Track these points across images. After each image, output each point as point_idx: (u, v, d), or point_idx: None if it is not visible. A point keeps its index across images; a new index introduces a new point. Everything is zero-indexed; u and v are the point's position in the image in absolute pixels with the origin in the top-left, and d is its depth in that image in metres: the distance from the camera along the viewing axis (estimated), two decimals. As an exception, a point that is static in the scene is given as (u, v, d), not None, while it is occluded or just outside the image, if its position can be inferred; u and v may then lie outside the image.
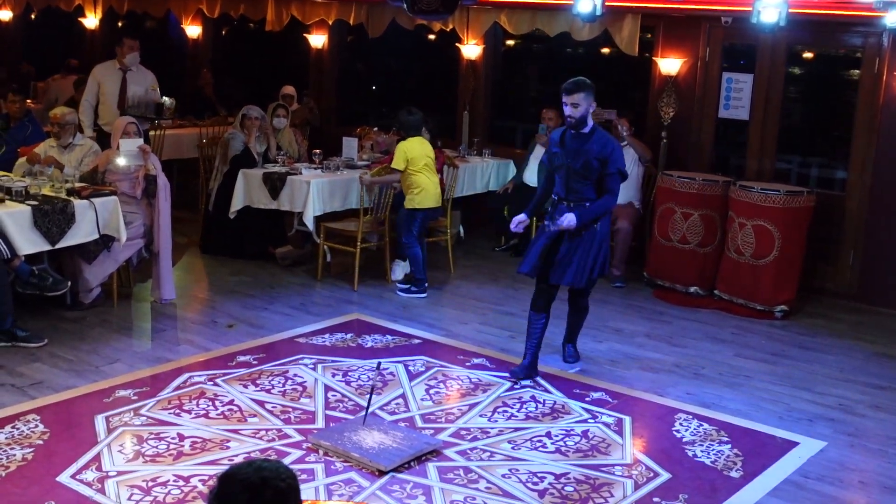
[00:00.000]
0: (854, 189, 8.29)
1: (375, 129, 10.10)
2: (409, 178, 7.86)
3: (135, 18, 14.05)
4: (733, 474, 4.95)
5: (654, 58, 9.17)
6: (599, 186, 5.99)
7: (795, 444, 5.34)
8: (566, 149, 6.04)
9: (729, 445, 5.30)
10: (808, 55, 9.08)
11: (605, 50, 10.09)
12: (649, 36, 9.25)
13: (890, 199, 8.05)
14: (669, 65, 8.98)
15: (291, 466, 2.66)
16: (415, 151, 7.85)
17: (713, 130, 9.00)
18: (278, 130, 9.28)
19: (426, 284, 7.96)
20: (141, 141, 7.41)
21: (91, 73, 9.38)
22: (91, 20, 14.25)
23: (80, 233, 6.68)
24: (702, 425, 5.56)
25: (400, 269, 8.35)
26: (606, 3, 8.06)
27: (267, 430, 5.21)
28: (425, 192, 7.88)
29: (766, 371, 6.55)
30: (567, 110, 5.94)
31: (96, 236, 6.78)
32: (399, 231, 8.07)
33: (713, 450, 5.24)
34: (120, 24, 14.66)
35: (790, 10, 7.23)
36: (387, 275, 8.32)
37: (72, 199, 6.66)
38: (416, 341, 6.80)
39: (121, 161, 7.20)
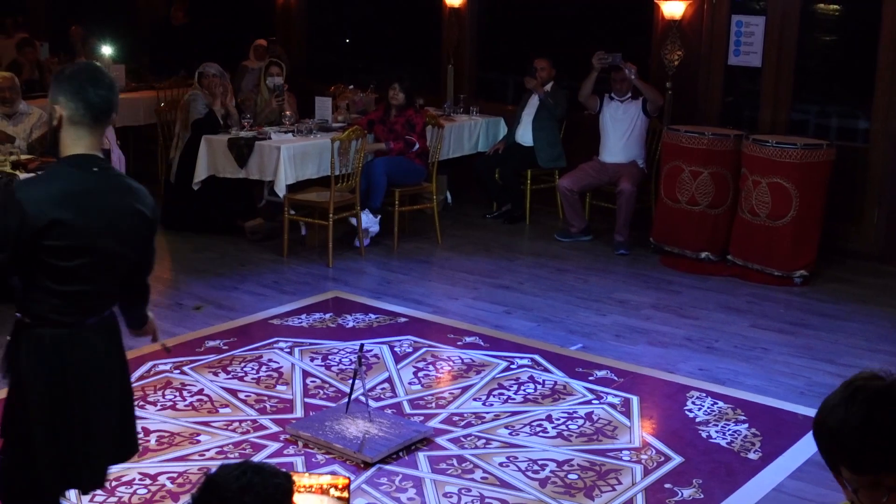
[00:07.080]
0: (878, 139, 8.28)
1: (351, 87, 10.03)
2: None
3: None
4: (751, 456, 4.99)
5: (656, 0, 9.13)
6: None
7: (818, 421, 5.37)
8: None
9: (746, 425, 5.33)
10: (825, -7, 9.06)
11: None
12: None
13: (917, 150, 8.06)
14: (673, 7, 8.94)
15: (267, 461, 2.65)
16: None
17: (722, 79, 8.97)
18: (277, 90, 9.11)
19: None
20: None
21: None
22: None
23: (27, 209, 6.63)
24: (716, 403, 5.59)
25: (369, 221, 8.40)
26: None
27: (241, 422, 5.22)
28: None
29: (784, 343, 6.58)
30: None
31: (45, 213, 6.74)
32: None
33: (729, 430, 5.27)
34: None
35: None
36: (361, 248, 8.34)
37: (17, 172, 6.63)
38: (402, 320, 6.81)
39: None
